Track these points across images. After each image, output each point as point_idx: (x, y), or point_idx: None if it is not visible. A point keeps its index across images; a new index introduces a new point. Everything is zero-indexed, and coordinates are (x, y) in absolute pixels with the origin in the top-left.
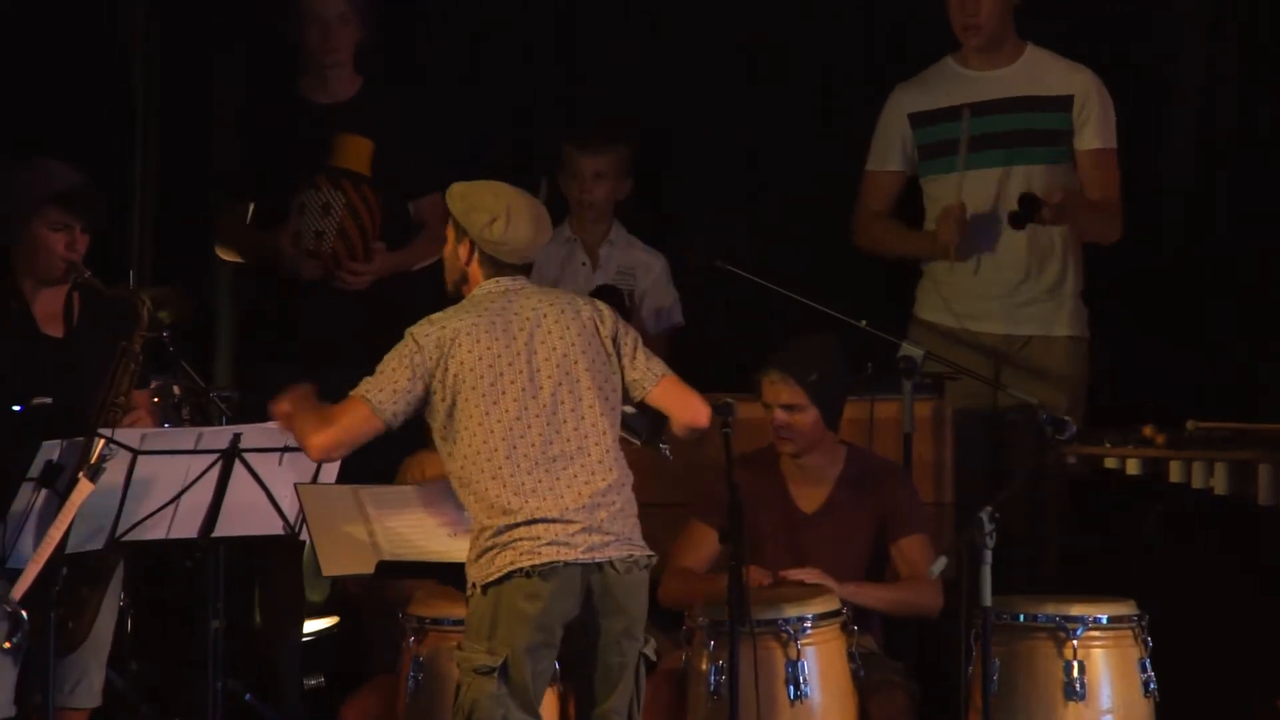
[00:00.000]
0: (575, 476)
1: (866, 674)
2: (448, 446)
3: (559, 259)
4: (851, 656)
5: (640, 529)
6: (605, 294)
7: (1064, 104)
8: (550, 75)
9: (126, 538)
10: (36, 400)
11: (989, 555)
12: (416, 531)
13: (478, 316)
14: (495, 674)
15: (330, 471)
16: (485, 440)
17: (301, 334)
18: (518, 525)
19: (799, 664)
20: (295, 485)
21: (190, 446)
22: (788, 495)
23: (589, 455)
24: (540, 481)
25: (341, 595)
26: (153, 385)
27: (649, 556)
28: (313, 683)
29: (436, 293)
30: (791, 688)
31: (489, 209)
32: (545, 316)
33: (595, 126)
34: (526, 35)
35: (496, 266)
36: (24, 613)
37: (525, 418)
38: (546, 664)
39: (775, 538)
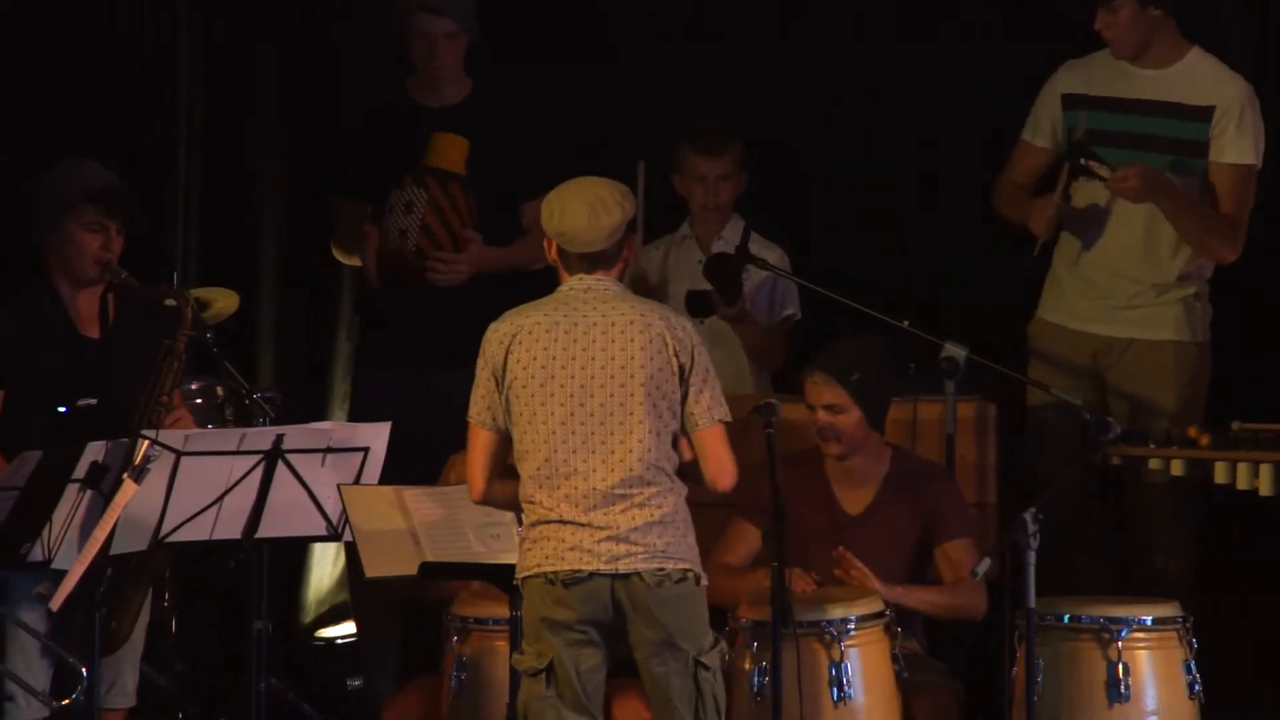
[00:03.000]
0: (608, 485)
1: (910, 675)
2: (513, 432)
3: (674, 256)
4: (895, 658)
5: (686, 545)
6: (696, 299)
7: (1203, 115)
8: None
9: (170, 539)
10: (82, 401)
11: (1033, 556)
12: (460, 532)
13: (544, 315)
14: (542, 676)
15: (373, 472)
16: (531, 439)
17: (407, 336)
18: (547, 523)
19: (843, 665)
20: (338, 486)
21: (233, 447)
22: (832, 497)
23: (629, 467)
24: (574, 487)
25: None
26: (195, 386)
27: (684, 570)
28: (355, 683)
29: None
30: (835, 689)
31: (549, 200)
32: (613, 325)
33: (705, 127)
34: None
35: (567, 259)
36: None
37: (570, 423)
38: (594, 661)
39: (819, 540)
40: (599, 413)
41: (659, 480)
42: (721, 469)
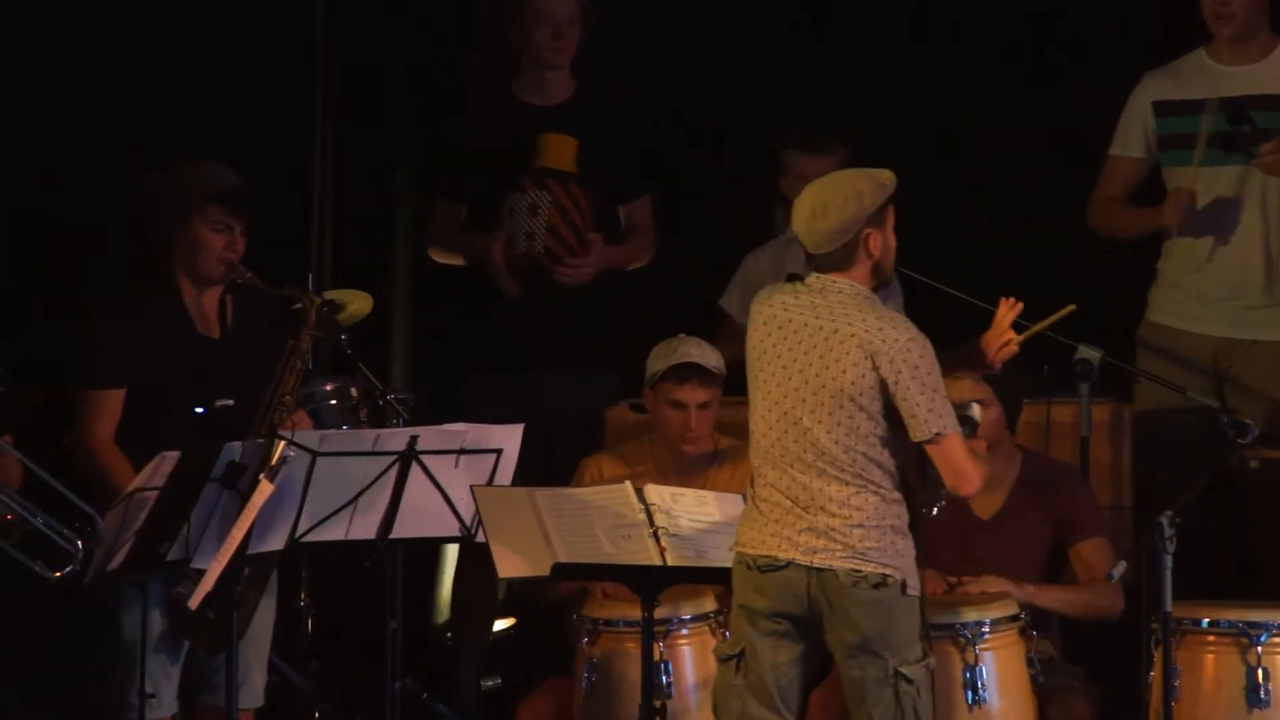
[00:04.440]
0: (809, 480)
1: (1045, 679)
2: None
3: (782, 260)
4: (1030, 661)
5: (893, 551)
6: None
7: None
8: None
9: (306, 538)
10: (219, 402)
11: (1169, 559)
12: (592, 534)
13: (773, 305)
14: (733, 663)
15: (506, 473)
16: (752, 422)
17: (516, 338)
18: (756, 509)
19: (977, 669)
20: (471, 487)
21: (368, 448)
22: (962, 500)
23: (826, 469)
24: (780, 476)
25: (518, 597)
26: (329, 387)
27: (884, 575)
28: (490, 683)
29: (649, 293)
30: (969, 693)
31: (797, 199)
32: (820, 329)
33: (811, 129)
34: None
35: (809, 259)
36: (80, 542)
37: (782, 421)
38: (791, 655)
39: (950, 543)
40: (798, 414)
41: (861, 483)
42: (959, 476)
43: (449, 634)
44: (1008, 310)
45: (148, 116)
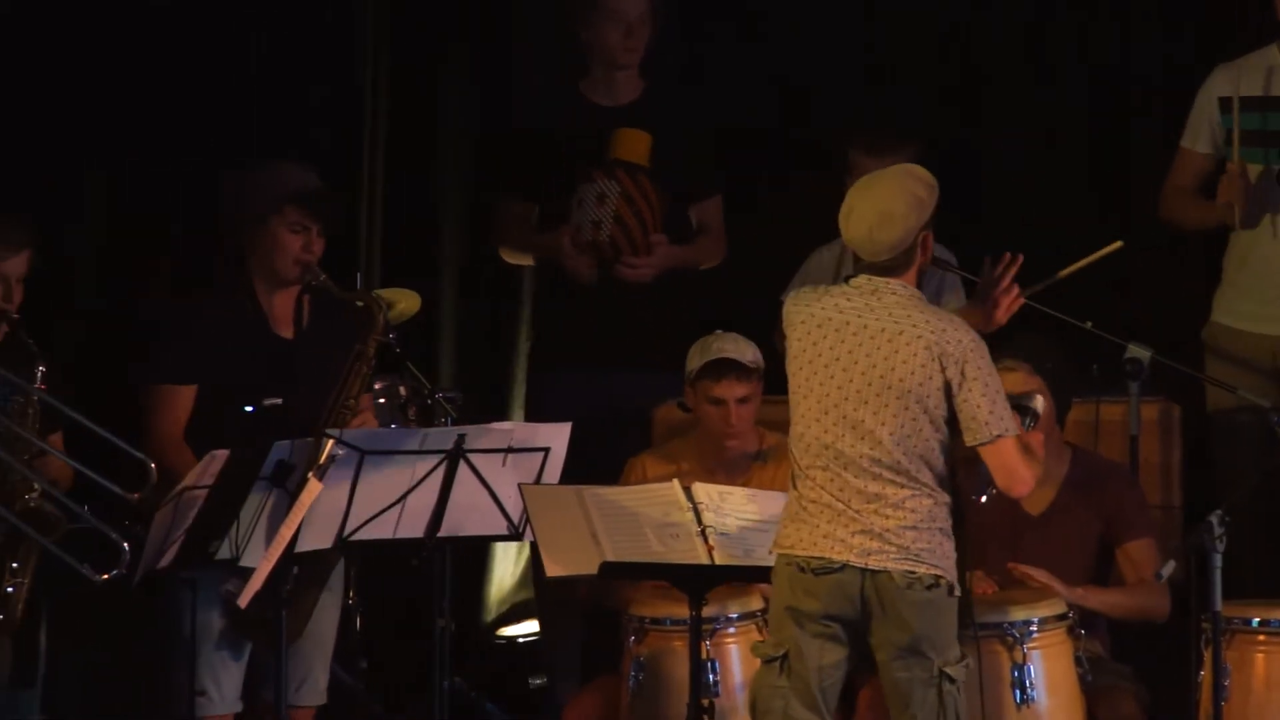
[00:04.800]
0: (864, 484)
1: (1094, 679)
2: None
3: (844, 258)
4: (1078, 660)
5: (942, 553)
6: None
7: None
8: (823, 74)
9: (354, 537)
10: (267, 401)
11: (1219, 559)
12: (640, 532)
13: (824, 306)
14: (777, 664)
15: (553, 472)
16: (797, 423)
17: (587, 337)
18: (800, 510)
19: (1025, 668)
20: (519, 486)
21: (416, 447)
22: (1005, 496)
23: (884, 470)
24: (829, 479)
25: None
26: (378, 386)
27: (937, 577)
28: (537, 683)
29: (719, 293)
30: (1018, 692)
31: (846, 203)
32: (883, 331)
33: (875, 129)
34: (798, 36)
35: (858, 260)
36: (125, 545)
37: (840, 422)
38: (833, 659)
39: (1000, 539)
40: (858, 414)
41: (915, 486)
42: (1011, 478)
43: (498, 633)
44: (1009, 264)
45: (196, 116)
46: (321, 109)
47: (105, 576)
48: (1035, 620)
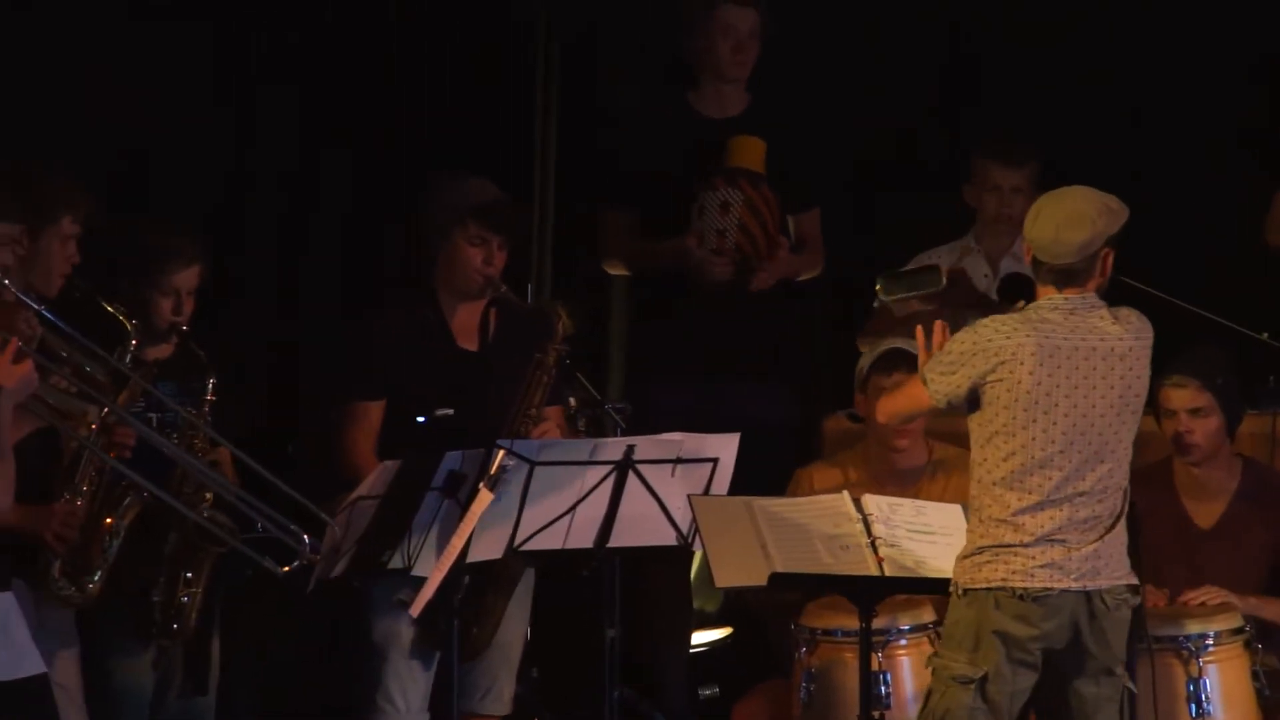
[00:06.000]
0: (1085, 507)
1: (1272, 693)
2: (979, 443)
3: (956, 264)
4: (1255, 675)
5: (1126, 559)
6: (1013, 283)
7: None
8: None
9: (524, 547)
10: (439, 412)
11: None
12: (809, 544)
13: (1044, 336)
14: (974, 686)
15: (722, 483)
16: (1018, 454)
17: (695, 347)
18: (1020, 546)
19: (1201, 682)
20: (689, 497)
21: (586, 458)
22: (1182, 510)
23: (1112, 492)
24: (1058, 508)
25: (736, 606)
26: None
27: (1133, 588)
28: (707, 693)
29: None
30: (1193, 706)
31: (1034, 207)
32: (1112, 350)
33: (1006, 138)
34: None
35: (1038, 269)
36: (306, 537)
37: (1068, 451)
38: (1025, 685)
39: (1170, 554)
40: (1093, 438)
41: (1125, 504)
42: None
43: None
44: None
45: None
46: (492, 124)
47: (287, 569)
48: (1211, 633)
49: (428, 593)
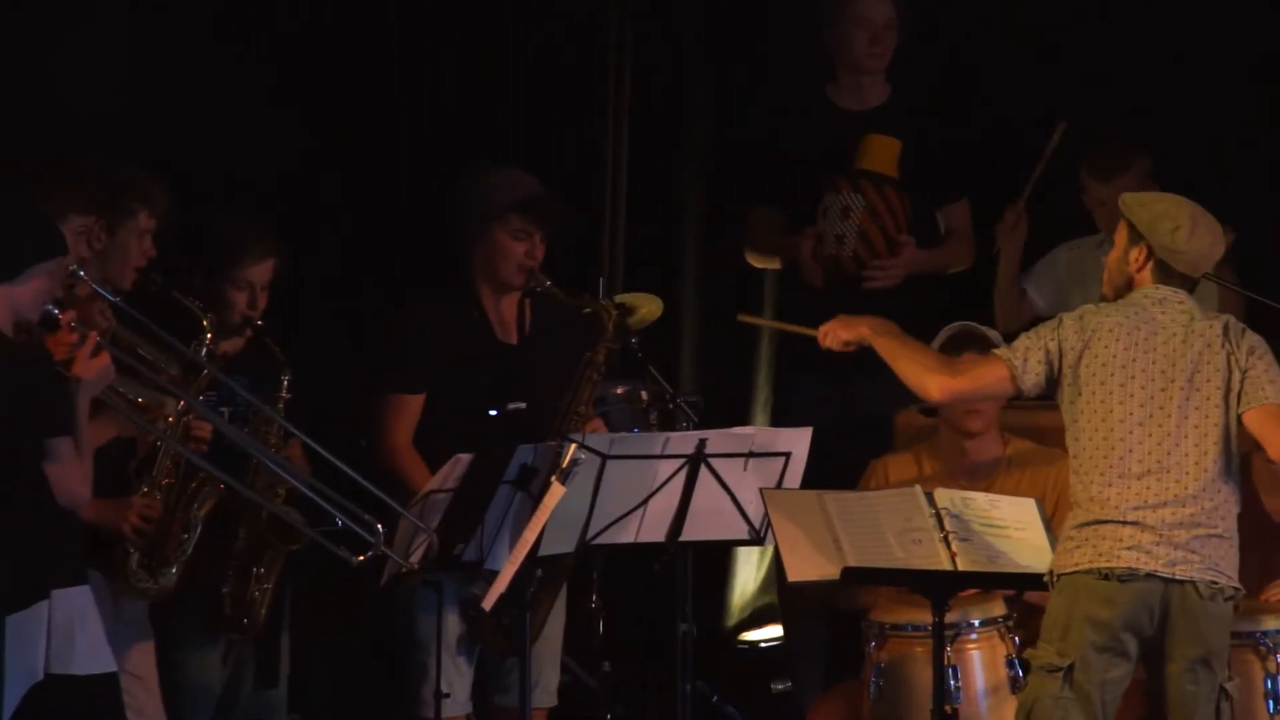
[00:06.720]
0: (1168, 490)
1: None
2: (1071, 431)
3: (1082, 261)
4: None
5: (1236, 562)
6: None
7: None
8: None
9: (596, 541)
10: (511, 405)
11: None
12: (881, 537)
13: (1124, 318)
14: (1061, 675)
15: (794, 477)
16: (1104, 436)
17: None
18: (1105, 523)
19: (1279, 678)
20: (760, 490)
21: (657, 451)
22: (1258, 503)
23: (1187, 473)
24: (1144, 488)
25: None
26: (620, 390)
27: (1235, 589)
28: (780, 687)
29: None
30: (1271, 703)
31: (1173, 218)
32: (1192, 332)
33: (1104, 146)
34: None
35: (1165, 275)
36: (380, 526)
37: (1147, 424)
38: (1117, 674)
39: (1251, 547)
40: (1169, 418)
41: (1218, 496)
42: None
43: (740, 637)
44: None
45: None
46: (563, 119)
47: (361, 559)
48: None
49: (500, 585)
